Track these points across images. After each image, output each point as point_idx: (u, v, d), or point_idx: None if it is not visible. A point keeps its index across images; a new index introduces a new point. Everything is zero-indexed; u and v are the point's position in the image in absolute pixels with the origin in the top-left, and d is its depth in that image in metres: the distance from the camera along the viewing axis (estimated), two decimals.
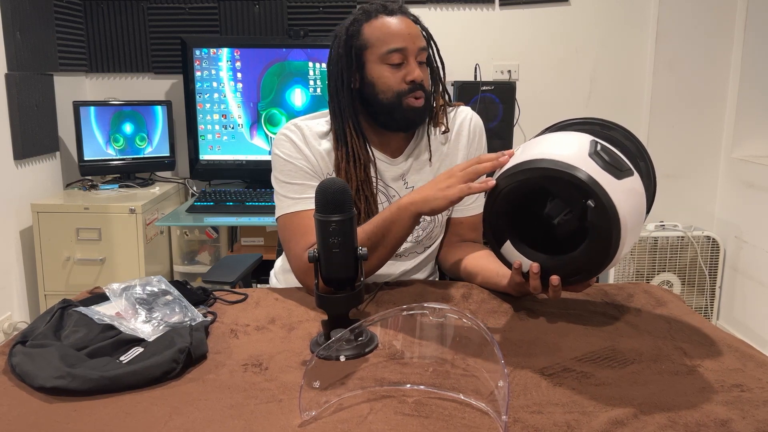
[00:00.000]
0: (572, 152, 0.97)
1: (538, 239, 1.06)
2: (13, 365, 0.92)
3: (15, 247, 2.51)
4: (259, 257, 1.80)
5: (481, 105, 2.71)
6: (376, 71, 1.29)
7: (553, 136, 1.05)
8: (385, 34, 1.28)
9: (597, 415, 0.81)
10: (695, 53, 2.94)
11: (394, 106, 1.29)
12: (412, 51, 1.28)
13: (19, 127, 2.46)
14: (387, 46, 1.27)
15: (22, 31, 2.48)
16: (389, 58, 1.28)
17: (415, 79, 1.28)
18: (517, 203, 1.04)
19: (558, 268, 1.03)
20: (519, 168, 1.00)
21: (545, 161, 0.97)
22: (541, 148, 1.01)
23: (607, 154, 0.97)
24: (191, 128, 2.83)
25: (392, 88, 1.29)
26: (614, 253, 0.96)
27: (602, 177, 0.94)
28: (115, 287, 1.10)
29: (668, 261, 2.88)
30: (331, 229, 0.97)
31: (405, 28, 1.29)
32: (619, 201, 0.94)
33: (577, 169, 0.95)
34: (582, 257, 0.99)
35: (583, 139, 1.00)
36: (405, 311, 0.91)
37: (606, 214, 0.94)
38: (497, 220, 1.06)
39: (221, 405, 0.84)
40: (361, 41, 1.30)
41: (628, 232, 0.95)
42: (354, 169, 1.32)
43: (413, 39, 1.28)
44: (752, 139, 2.95)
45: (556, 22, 2.97)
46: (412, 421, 0.80)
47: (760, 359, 0.97)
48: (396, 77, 1.28)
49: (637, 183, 0.98)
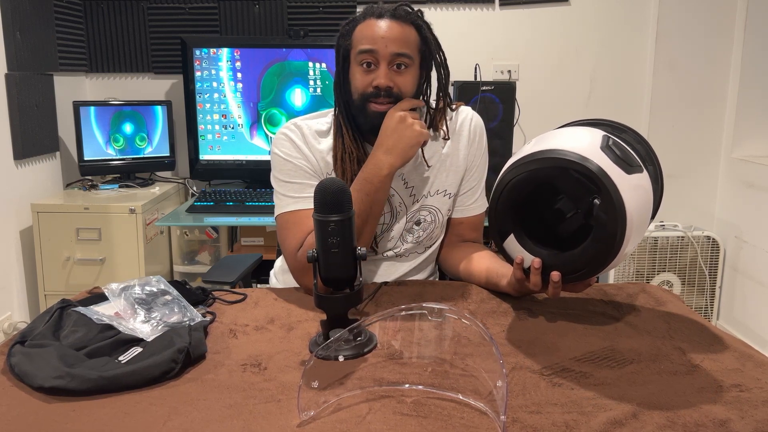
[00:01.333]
0: (584, 144, 0.98)
1: (541, 235, 1.06)
2: (12, 365, 0.92)
3: (15, 247, 2.51)
4: (259, 257, 1.80)
5: (481, 105, 2.71)
6: (352, 71, 1.31)
7: (566, 130, 1.06)
8: (362, 34, 1.28)
9: (596, 415, 0.81)
10: (695, 53, 2.94)
11: (359, 109, 1.30)
12: (384, 55, 1.26)
13: (19, 127, 2.46)
14: (360, 46, 1.28)
15: (22, 31, 2.48)
16: (359, 58, 1.28)
17: (378, 85, 1.26)
18: (524, 196, 1.04)
19: (560, 265, 1.03)
20: (530, 158, 1.01)
21: (557, 151, 0.98)
22: (553, 141, 1.02)
23: (618, 149, 0.97)
24: (191, 128, 2.83)
25: (358, 90, 1.29)
26: (618, 249, 0.96)
27: (612, 170, 0.95)
28: (114, 287, 1.10)
29: (668, 261, 2.88)
30: (329, 229, 0.97)
31: (382, 32, 1.26)
32: (627, 195, 0.94)
33: (588, 160, 0.95)
34: (585, 253, 0.99)
35: (595, 133, 1.01)
36: (404, 311, 0.91)
37: (613, 207, 0.94)
38: (503, 212, 1.06)
39: (220, 405, 0.84)
40: (348, 41, 1.30)
41: (633, 228, 0.95)
42: (348, 163, 1.32)
43: (386, 43, 1.25)
44: (752, 139, 2.95)
45: (556, 22, 2.97)
46: (411, 421, 0.80)
47: (759, 359, 0.97)
48: (365, 80, 1.28)
49: (646, 180, 0.99)
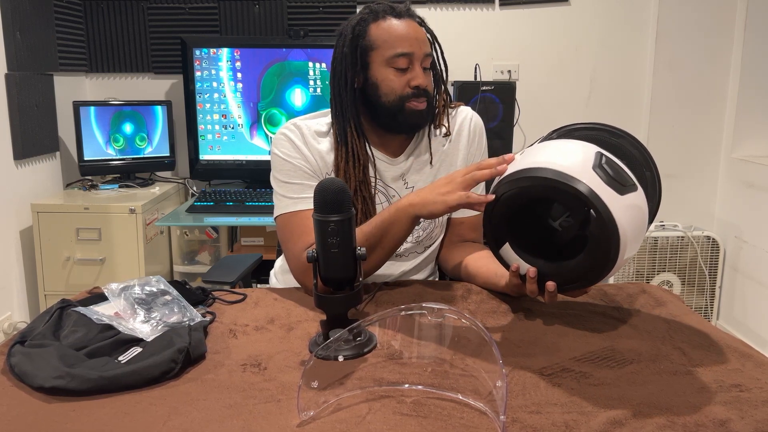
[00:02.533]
0: (576, 163, 0.95)
1: (537, 243, 1.05)
2: (11, 365, 0.92)
3: (15, 247, 2.52)
4: (259, 257, 1.80)
5: (481, 105, 2.71)
6: (381, 73, 1.29)
7: (558, 143, 1.03)
8: (392, 37, 1.28)
9: (595, 415, 0.81)
10: (695, 53, 2.94)
11: (396, 109, 1.29)
12: (419, 56, 1.28)
13: (19, 127, 2.46)
14: (394, 50, 1.27)
15: (22, 31, 2.48)
16: (396, 62, 1.28)
17: (419, 85, 1.28)
18: (517, 207, 1.03)
19: (555, 275, 1.02)
20: (521, 175, 0.99)
21: (548, 171, 0.95)
22: (545, 155, 0.99)
23: (611, 168, 0.95)
24: (191, 128, 2.83)
25: (396, 92, 1.29)
26: (611, 267, 0.95)
27: (604, 192, 0.93)
28: (114, 287, 1.10)
29: (668, 261, 2.88)
30: (329, 229, 0.97)
31: (413, 33, 1.28)
32: (620, 217, 0.92)
33: (579, 182, 0.93)
34: (579, 266, 0.99)
35: (588, 150, 0.98)
36: (404, 311, 0.91)
37: (606, 229, 0.92)
38: (497, 224, 1.05)
39: (220, 405, 0.84)
40: (367, 41, 1.29)
41: (627, 246, 0.94)
42: (353, 169, 1.32)
43: (420, 44, 1.28)
44: (752, 139, 2.95)
45: (556, 22, 2.97)
46: (411, 421, 0.80)
47: (758, 359, 0.97)
48: (401, 81, 1.28)
49: (640, 199, 0.97)
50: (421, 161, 1.39)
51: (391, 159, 1.38)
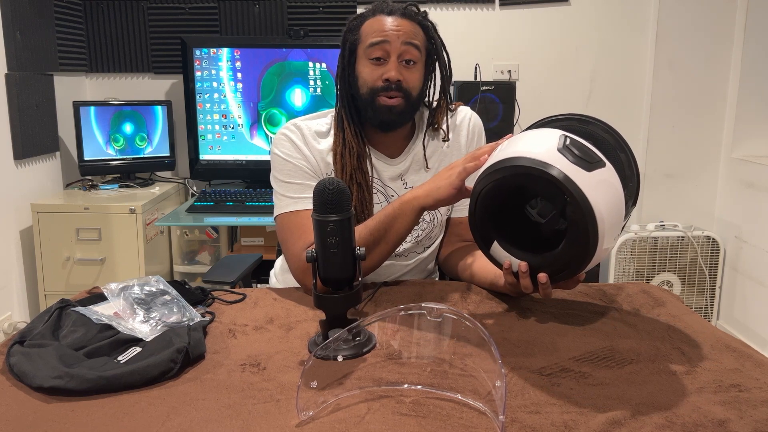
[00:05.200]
0: (543, 149, 0.98)
1: (525, 239, 1.06)
2: (11, 365, 0.92)
3: (15, 247, 2.52)
4: (259, 257, 1.80)
5: (481, 105, 2.71)
6: (360, 66, 1.31)
7: (527, 134, 1.05)
8: (373, 29, 1.28)
9: (595, 415, 0.81)
10: (695, 53, 2.94)
11: (368, 103, 1.30)
12: (395, 48, 1.27)
13: (19, 127, 2.46)
14: (370, 39, 1.28)
15: (22, 31, 2.48)
16: (370, 52, 1.28)
17: (389, 78, 1.26)
18: (499, 203, 1.04)
19: (545, 266, 1.03)
20: (493, 168, 1.01)
21: (516, 159, 0.98)
22: (515, 146, 1.02)
23: (576, 148, 0.97)
24: (191, 128, 2.83)
25: (367, 84, 1.29)
26: (594, 247, 0.96)
27: (572, 171, 0.94)
28: (113, 287, 1.10)
29: (668, 261, 2.88)
30: (329, 229, 0.97)
31: (392, 25, 1.27)
32: (591, 193, 0.93)
33: (547, 164, 0.95)
34: (565, 253, 1.00)
35: (552, 134, 1.00)
36: (403, 311, 0.91)
37: (579, 208, 0.94)
38: (481, 222, 1.07)
39: (219, 405, 0.84)
40: (355, 36, 1.31)
41: (606, 224, 0.94)
42: (348, 157, 1.32)
43: (398, 36, 1.26)
44: (752, 139, 2.95)
45: (556, 22, 2.97)
46: (410, 421, 0.80)
47: (757, 359, 0.97)
48: (374, 73, 1.28)
49: (610, 174, 0.98)
50: (419, 162, 1.39)
51: (390, 159, 1.38)
